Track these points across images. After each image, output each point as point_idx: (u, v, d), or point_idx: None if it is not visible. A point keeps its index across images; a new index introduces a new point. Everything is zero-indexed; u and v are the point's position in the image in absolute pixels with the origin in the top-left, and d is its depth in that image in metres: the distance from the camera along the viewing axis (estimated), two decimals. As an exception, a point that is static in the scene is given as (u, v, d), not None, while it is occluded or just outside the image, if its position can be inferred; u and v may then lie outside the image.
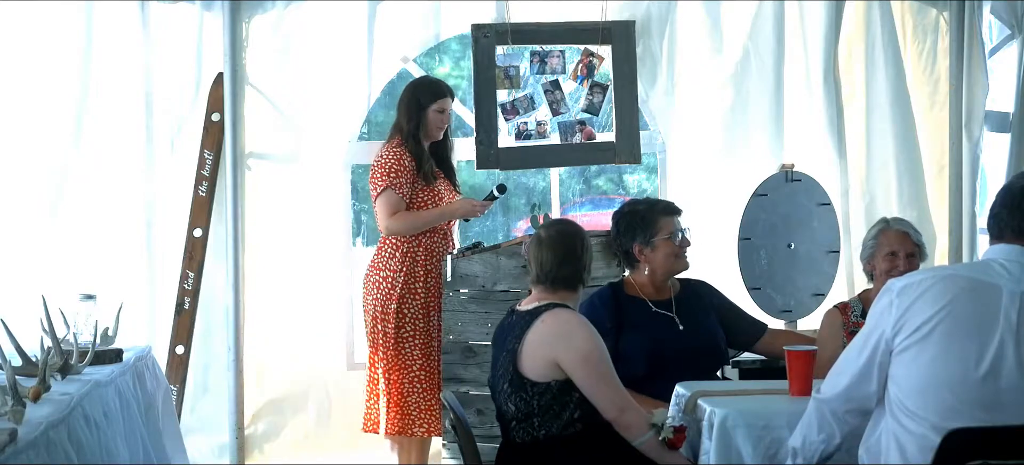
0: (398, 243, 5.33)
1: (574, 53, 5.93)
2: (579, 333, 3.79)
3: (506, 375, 3.86)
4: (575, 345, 3.77)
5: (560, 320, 3.82)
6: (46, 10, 5.65)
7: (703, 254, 5.46)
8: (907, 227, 4.72)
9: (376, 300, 5.32)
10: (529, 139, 5.90)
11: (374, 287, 5.35)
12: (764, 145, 6.01)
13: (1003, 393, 2.93)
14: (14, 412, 3.15)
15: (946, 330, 2.96)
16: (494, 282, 5.17)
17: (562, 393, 3.79)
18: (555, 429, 3.80)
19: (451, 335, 5.20)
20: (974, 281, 3.01)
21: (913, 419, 2.99)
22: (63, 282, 5.30)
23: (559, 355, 3.77)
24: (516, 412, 3.84)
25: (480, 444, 4.07)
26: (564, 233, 3.96)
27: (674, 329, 4.54)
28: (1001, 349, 2.94)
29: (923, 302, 3.00)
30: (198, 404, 5.80)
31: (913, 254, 4.63)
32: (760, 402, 3.66)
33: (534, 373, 3.80)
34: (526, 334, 3.82)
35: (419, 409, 5.32)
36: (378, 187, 5.30)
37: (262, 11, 5.81)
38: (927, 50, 6.08)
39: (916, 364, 2.98)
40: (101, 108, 5.73)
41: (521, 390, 3.81)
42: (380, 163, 5.33)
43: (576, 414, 3.79)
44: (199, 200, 5.76)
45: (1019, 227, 3.08)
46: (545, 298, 3.90)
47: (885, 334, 3.05)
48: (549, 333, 3.80)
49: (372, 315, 5.35)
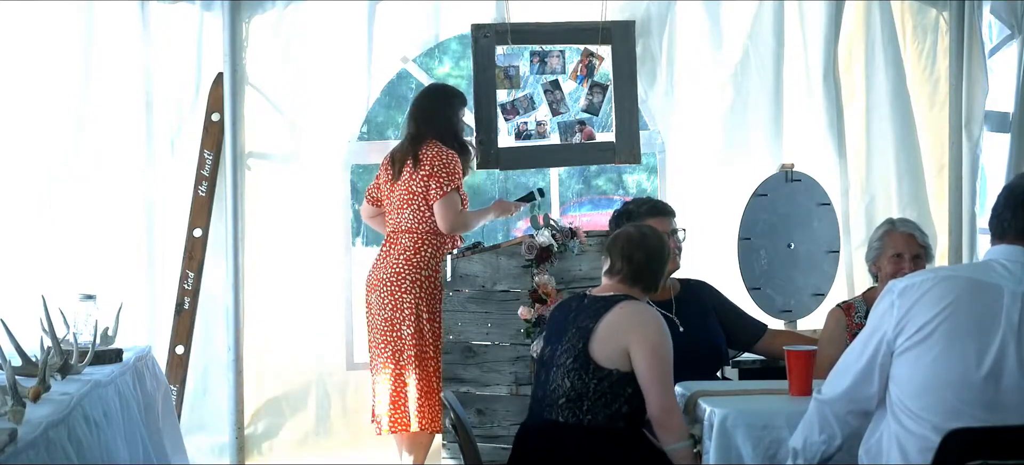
0: (440, 243, 5.34)
1: (574, 53, 5.93)
2: (654, 325, 3.90)
3: (572, 350, 3.90)
4: (648, 335, 3.86)
5: (639, 310, 3.93)
6: (46, 10, 5.65)
7: (703, 254, 5.48)
8: (913, 228, 4.71)
9: (421, 299, 5.29)
10: (529, 139, 5.90)
11: (417, 285, 5.30)
12: (764, 145, 6.00)
13: (1004, 393, 2.93)
14: (14, 412, 3.15)
15: (947, 331, 2.97)
16: (494, 282, 5.17)
17: (619, 384, 3.84)
18: (602, 419, 3.84)
19: (451, 335, 5.19)
20: (975, 282, 3.01)
21: (914, 420, 2.99)
22: (63, 282, 5.31)
23: (631, 342, 3.85)
24: (570, 389, 3.87)
25: (480, 444, 4.07)
26: (659, 236, 4.10)
27: (674, 330, 4.54)
28: (1003, 349, 2.94)
29: (924, 303, 3.00)
30: (198, 404, 5.80)
31: (919, 255, 4.62)
32: (760, 402, 3.66)
33: (602, 357, 3.86)
34: (603, 317, 3.89)
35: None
36: (445, 187, 5.30)
37: (262, 11, 5.81)
38: (927, 50, 6.07)
39: (918, 365, 2.98)
40: (101, 108, 5.74)
41: (583, 370, 3.86)
42: (446, 164, 5.33)
43: (624, 409, 3.84)
44: (199, 200, 5.77)
45: (1021, 228, 3.09)
46: (621, 290, 3.97)
47: (887, 335, 3.05)
48: (626, 320, 3.89)
49: (415, 313, 5.29)
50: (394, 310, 5.32)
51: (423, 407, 5.28)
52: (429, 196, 5.33)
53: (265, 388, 5.82)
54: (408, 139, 5.45)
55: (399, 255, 5.35)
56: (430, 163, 5.34)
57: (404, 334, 5.30)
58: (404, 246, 5.36)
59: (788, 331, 5.42)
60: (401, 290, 5.31)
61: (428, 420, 5.30)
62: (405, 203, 5.37)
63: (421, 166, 5.34)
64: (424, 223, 5.35)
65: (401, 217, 5.39)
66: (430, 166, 5.34)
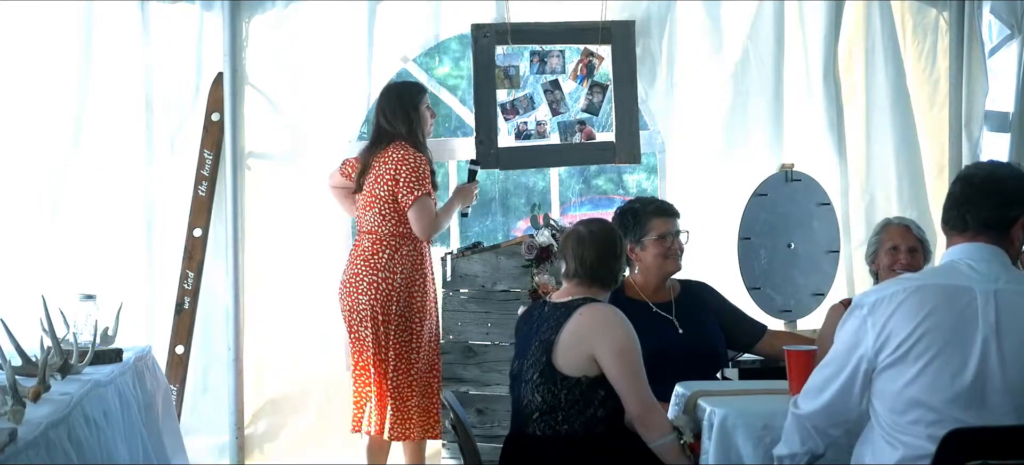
0: (398, 245, 5.20)
1: (574, 53, 5.93)
2: (617, 327, 3.83)
3: (537, 365, 3.85)
4: (612, 338, 3.80)
5: (599, 314, 3.85)
6: (46, 10, 5.65)
7: (703, 254, 5.48)
8: (908, 222, 4.72)
9: (376, 302, 5.15)
10: (529, 139, 5.90)
11: (372, 288, 5.16)
12: (764, 145, 6.01)
13: (991, 395, 2.92)
14: (14, 412, 3.15)
15: (929, 343, 2.94)
16: (494, 282, 5.17)
17: (590, 390, 3.80)
18: (578, 426, 3.80)
19: (451, 335, 5.19)
20: (948, 288, 2.98)
21: (905, 432, 2.98)
22: (63, 282, 5.30)
23: (596, 348, 3.79)
24: (541, 403, 3.84)
25: (480, 444, 4.07)
26: (607, 231, 4.00)
27: (674, 331, 4.54)
28: (985, 352, 2.93)
29: (901, 317, 2.97)
30: (198, 404, 5.80)
31: (915, 249, 4.62)
32: (760, 402, 3.66)
33: (567, 366, 3.81)
34: (563, 326, 3.83)
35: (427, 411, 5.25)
36: (416, 193, 5.15)
37: (262, 11, 5.81)
38: (927, 50, 6.08)
39: (902, 379, 2.96)
40: (101, 108, 5.74)
41: (551, 382, 3.82)
42: (414, 169, 5.17)
43: (599, 412, 3.80)
44: (199, 200, 5.77)
45: (983, 222, 3.07)
46: (579, 293, 3.92)
47: (866, 353, 3.02)
48: (587, 326, 3.82)
49: (371, 317, 5.16)
50: (351, 312, 5.21)
51: (380, 413, 5.15)
52: (399, 202, 5.18)
53: (265, 388, 5.82)
54: (372, 138, 5.33)
55: (357, 258, 5.22)
56: (396, 167, 5.19)
57: (363, 337, 5.19)
58: (363, 248, 5.22)
59: (787, 332, 5.41)
60: (358, 292, 5.18)
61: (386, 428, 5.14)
62: (367, 205, 5.24)
63: (385, 170, 5.20)
64: (384, 226, 5.20)
65: (364, 218, 5.26)
66: (396, 170, 5.18)
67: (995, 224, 3.07)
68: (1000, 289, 2.97)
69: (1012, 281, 3.01)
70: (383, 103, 5.37)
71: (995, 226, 3.08)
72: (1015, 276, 3.06)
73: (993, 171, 3.14)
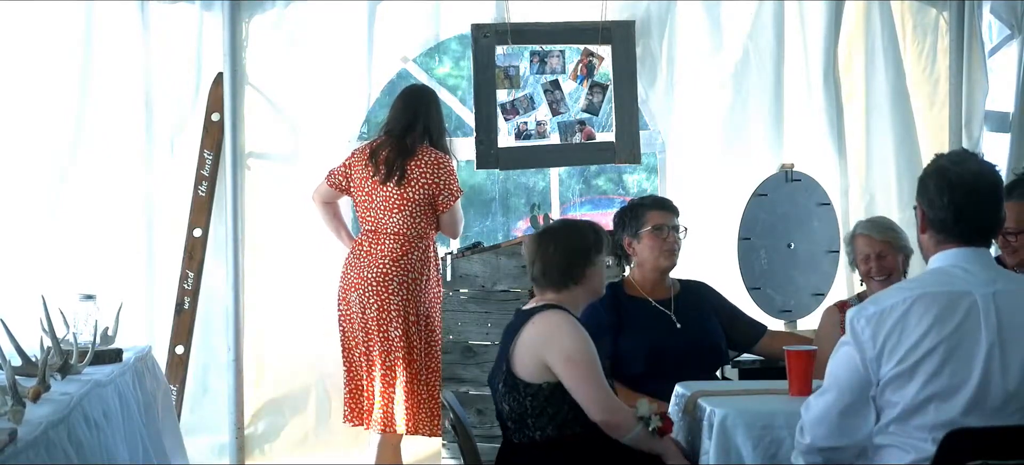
0: (425, 246, 5.28)
1: (574, 53, 5.93)
2: (564, 334, 3.78)
3: (500, 374, 3.87)
4: (559, 345, 3.76)
5: (548, 321, 3.81)
6: (46, 10, 5.65)
7: (703, 254, 5.48)
8: (870, 228, 4.71)
9: (408, 301, 5.19)
10: (529, 139, 5.90)
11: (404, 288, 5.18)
12: (764, 145, 6.01)
13: (994, 398, 2.92)
14: (14, 412, 3.15)
15: (936, 351, 2.93)
16: (494, 282, 5.17)
17: (554, 395, 3.78)
18: (552, 431, 3.79)
19: (451, 335, 5.20)
20: (949, 294, 2.98)
21: (911, 437, 2.98)
22: (63, 282, 5.30)
23: (547, 356, 3.77)
24: (510, 412, 3.84)
25: (480, 444, 4.07)
26: (545, 232, 3.98)
27: (673, 329, 4.55)
28: (989, 355, 2.93)
29: (906, 327, 2.96)
30: (198, 404, 5.80)
31: (882, 254, 4.62)
32: (760, 402, 3.66)
33: (526, 374, 3.80)
34: (519, 335, 3.83)
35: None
36: (455, 195, 5.29)
37: (262, 11, 5.81)
38: (927, 50, 6.08)
39: (909, 388, 2.95)
40: (101, 108, 5.74)
41: (514, 391, 3.82)
42: (451, 172, 5.28)
43: (570, 414, 3.77)
44: (199, 200, 5.77)
45: (979, 227, 3.07)
46: (541, 299, 3.91)
47: (871, 369, 2.99)
48: (537, 335, 3.80)
49: (402, 316, 5.18)
50: (379, 311, 5.20)
51: (410, 410, 5.20)
52: (438, 205, 5.25)
53: (265, 388, 5.82)
54: (397, 141, 5.29)
55: (384, 257, 5.22)
56: (435, 171, 5.23)
57: (392, 336, 5.21)
58: (390, 248, 5.22)
59: (787, 332, 5.41)
60: (388, 292, 5.19)
61: (414, 423, 5.22)
62: (396, 208, 5.23)
63: (421, 174, 5.23)
64: (413, 228, 5.23)
65: (389, 220, 5.24)
66: (436, 174, 5.23)
67: (990, 231, 3.11)
68: (999, 291, 2.98)
69: (1007, 282, 3.03)
70: (412, 105, 5.36)
71: (990, 232, 3.11)
72: (1008, 276, 3.08)
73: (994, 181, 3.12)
